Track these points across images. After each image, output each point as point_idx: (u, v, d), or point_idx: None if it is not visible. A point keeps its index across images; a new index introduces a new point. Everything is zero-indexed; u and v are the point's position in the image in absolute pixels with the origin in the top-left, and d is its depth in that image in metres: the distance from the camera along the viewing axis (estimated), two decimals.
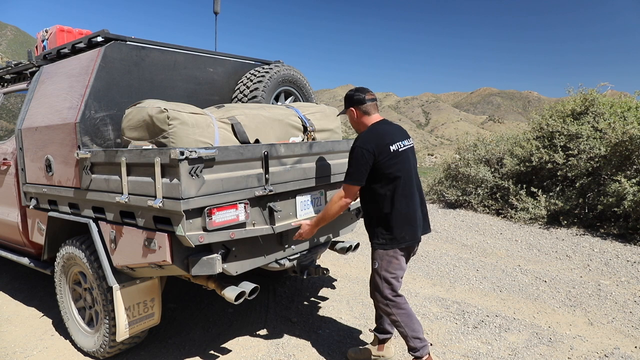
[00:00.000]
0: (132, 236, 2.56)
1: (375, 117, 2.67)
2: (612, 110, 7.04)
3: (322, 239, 3.37)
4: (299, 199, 2.93)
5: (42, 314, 3.87)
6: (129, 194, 2.49)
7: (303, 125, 3.31)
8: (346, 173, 2.58)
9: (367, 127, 2.64)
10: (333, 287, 4.38)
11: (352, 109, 2.68)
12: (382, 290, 2.64)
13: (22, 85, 3.86)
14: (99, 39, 3.09)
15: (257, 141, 2.93)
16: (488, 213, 7.62)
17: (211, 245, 2.47)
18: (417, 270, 4.86)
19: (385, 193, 2.53)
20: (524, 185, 7.28)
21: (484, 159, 8.49)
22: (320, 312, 3.81)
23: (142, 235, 2.49)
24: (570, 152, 6.89)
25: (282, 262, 3.00)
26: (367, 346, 3.00)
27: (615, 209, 5.87)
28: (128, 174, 2.50)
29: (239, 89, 3.77)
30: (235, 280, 2.79)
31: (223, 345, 3.24)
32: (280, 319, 3.68)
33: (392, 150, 2.52)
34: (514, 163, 7.66)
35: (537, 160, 7.20)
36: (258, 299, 4.02)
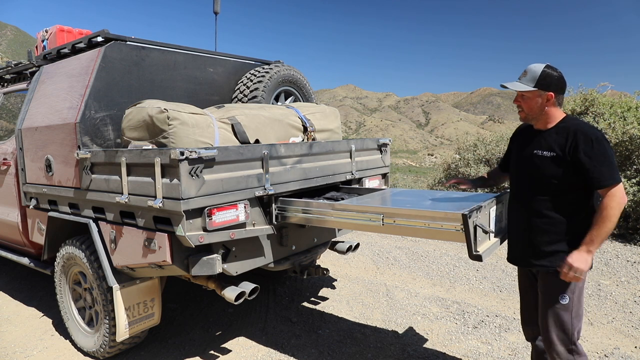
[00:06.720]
0: (132, 236, 2.56)
1: (562, 112, 2.18)
2: (612, 110, 7.03)
3: (322, 240, 3.37)
4: (491, 211, 2.35)
5: (42, 314, 3.87)
6: (129, 194, 2.50)
7: (303, 125, 3.31)
8: (606, 171, 1.98)
9: (561, 120, 2.14)
10: (333, 287, 4.37)
11: (552, 93, 2.11)
12: (572, 336, 2.10)
13: (22, 85, 3.87)
14: (99, 39, 3.10)
15: (257, 141, 2.93)
16: None
17: (211, 245, 2.47)
18: (417, 270, 4.86)
19: (589, 199, 2.10)
20: None
21: (484, 159, 8.48)
22: (320, 312, 3.81)
23: (142, 236, 2.49)
24: None
25: (282, 262, 3.00)
26: None
27: None
28: (128, 174, 2.50)
29: (239, 89, 3.77)
30: (235, 280, 2.79)
31: (223, 345, 3.24)
32: (280, 319, 3.68)
33: None
34: None
35: None
36: (258, 299, 4.02)
